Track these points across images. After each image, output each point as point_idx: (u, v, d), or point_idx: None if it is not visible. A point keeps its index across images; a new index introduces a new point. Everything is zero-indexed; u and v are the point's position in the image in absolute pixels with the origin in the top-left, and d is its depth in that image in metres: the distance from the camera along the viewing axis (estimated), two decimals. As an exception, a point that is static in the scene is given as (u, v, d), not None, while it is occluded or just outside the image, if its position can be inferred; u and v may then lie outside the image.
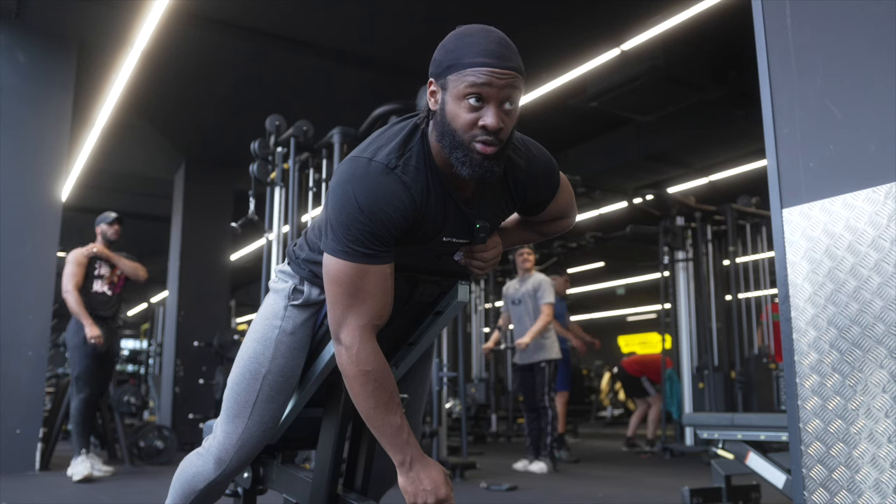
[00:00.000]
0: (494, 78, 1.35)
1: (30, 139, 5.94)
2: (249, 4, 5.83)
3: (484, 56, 1.35)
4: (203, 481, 1.76)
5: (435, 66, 1.42)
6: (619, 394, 15.48)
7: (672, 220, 7.78)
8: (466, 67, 1.35)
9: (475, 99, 1.35)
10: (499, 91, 1.36)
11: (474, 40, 1.38)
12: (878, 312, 1.61)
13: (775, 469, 3.06)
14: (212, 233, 9.11)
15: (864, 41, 1.72)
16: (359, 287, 1.42)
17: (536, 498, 4.57)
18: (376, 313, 1.44)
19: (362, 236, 1.39)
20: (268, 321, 1.68)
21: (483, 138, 1.37)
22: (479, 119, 1.36)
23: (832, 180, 1.73)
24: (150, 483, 5.18)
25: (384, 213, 1.38)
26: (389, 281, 1.46)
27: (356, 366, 1.43)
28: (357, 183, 1.39)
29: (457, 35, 1.42)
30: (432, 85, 1.43)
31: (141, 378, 12.52)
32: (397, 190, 1.40)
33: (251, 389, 1.67)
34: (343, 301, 1.43)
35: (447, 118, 1.39)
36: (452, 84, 1.37)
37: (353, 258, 1.40)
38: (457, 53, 1.37)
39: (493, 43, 1.37)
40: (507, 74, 1.36)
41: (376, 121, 5.49)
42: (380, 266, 1.42)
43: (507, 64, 1.36)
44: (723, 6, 5.60)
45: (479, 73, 1.34)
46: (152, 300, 16.29)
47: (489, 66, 1.34)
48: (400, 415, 1.45)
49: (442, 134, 1.41)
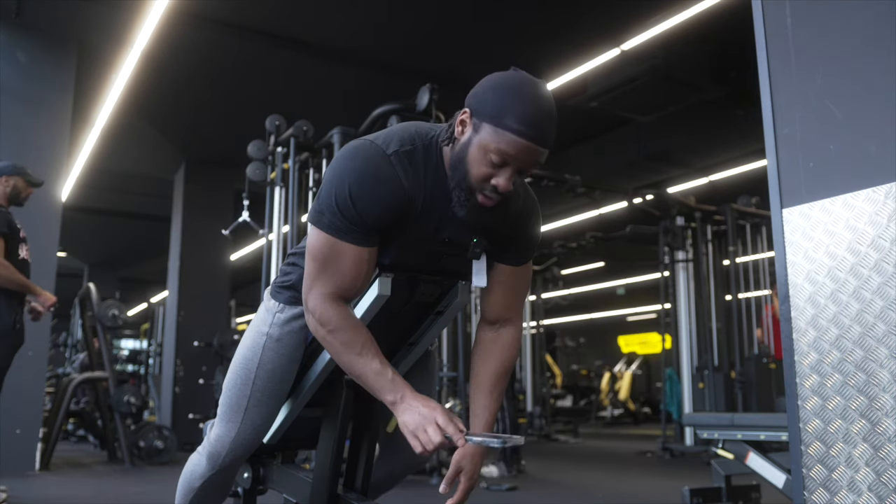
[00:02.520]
0: (525, 153, 1.36)
1: (30, 139, 5.94)
2: (249, 4, 5.83)
3: (526, 126, 1.34)
4: (199, 479, 1.82)
5: (477, 103, 1.40)
6: (618, 394, 15.49)
7: (672, 220, 7.78)
8: (506, 130, 1.35)
9: (499, 160, 1.37)
10: (523, 162, 1.38)
11: (523, 102, 1.36)
12: (878, 312, 1.61)
13: (775, 469, 3.06)
14: (212, 233, 9.09)
15: (864, 41, 1.72)
16: (330, 261, 1.47)
17: (536, 498, 4.57)
18: (343, 287, 1.49)
19: (346, 216, 1.43)
20: (257, 328, 1.74)
21: (489, 194, 1.40)
22: (493, 176, 1.39)
23: (832, 180, 1.73)
24: (150, 483, 5.18)
25: (369, 196, 1.42)
26: (364, 266, 1.48)
27: (323, 328, 1.49)
28: (350, 161, 1.44)
29: (510, 84, 1.38)
30: (465, 115, 1.42)
31: (141, 378, 12.52)
32: (388, 174, 1.43)
33: (242, 394, 1.72)
34: (313, 272, 1.50)
35: (467, 159, 1.41)
36: (486, 134, 1.37)
37: (334, 233, 1.45)
38: (503, 107, 1.36)
39: (539, 112, 1.36)
40: (539, 152, 1.38)
41: (376, 121, 5.49)
42: (356, 247, 1.46)
43: (544, 141, 1.37)
44: (723, 6, 5.60)
45: (514, 144, 1.35)
46: (152, 300, 16.29)
47: (528, 140, 1.35)
48: (379, 360, 1.47)
49: (455, 166, 1.43)
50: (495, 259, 1.61)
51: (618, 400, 15.41)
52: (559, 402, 14.70)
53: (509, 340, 1.67)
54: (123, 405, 6.32)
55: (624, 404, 15.40)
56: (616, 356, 18.57)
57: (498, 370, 1.65)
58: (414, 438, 1.41)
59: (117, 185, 10.42)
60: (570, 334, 17.94)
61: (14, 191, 3.97)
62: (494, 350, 1.66)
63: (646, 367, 17.54)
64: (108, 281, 13.95)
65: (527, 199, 1.60)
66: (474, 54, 6.41)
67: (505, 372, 1.66)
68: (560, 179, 7.45)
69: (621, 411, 15.30)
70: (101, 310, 6.78)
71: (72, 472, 5.80)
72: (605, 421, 14.89)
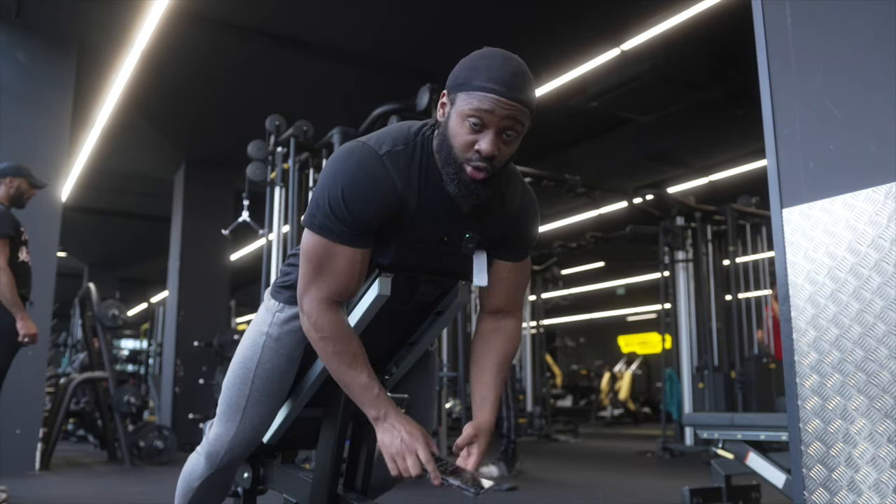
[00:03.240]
0: (497, 106, 1.37)
1: (30, 139, 5.94)
2: (249, 4, 5.83)
3: (494, 83, 1.36)
4: (198, 478, 1.82)
5: (450, 80, 1.44)
6: (618, 393, 15.49)
7: (672, 220, 7.78)
8: (475, 90, 1.37)
9: (476, 122, 1.38)
10: (500, 119, 1.38)
11: (490, 64, 1.39)
12: (878, 312, 1.61)
13: (775, 469, 3.06)
14: (212, 233, 9.09)
15: (864, 41, 1.72)
16: (324, 263, 1.48)
17: (536, 498, 4.57)
18: (337, 291, 1.50)
19: (339, 218, 1.44)
20: (257, 328, 1.75)
21: (476, 163, 1.40)
22: (475, 142, 1.39)
23: (832, 180, 1.73)
24: (150, 483, 5.18)
25: (362, 198, 1.43)
26: (358, 267, 1.50)
27: (317, 332, 1.51)
28: (343, 163, 1.45)
29: (476, 55, 1.43)
30: (444, 97, 1.45)
31: (141, 378, 12.52)
32: (380, 176, 1.44)
33: (241, 393, 1.73)
34: (308, 275, 1.51)
35: (448, 133, 1.42)
36: (459, 102, 1.39)
37: (326, 235, 1.46)
38: (470, 73, 1.39)
39: (507, 71, 1.38)
40: (512, 105, 1.37)
41: (376, 121, 5.49)
42: (349, 248, 1.47)
43: (514, 94, 1.37)
44: (723, 6, 5.60)
45: (484, 99, 1.36)
46: (152, 300, 16.29)
47: (496, 94, 1.36)
48: (367, 373, 1.50)
49: (440, 146, 1.44)
50: (494, 256, 1.61)
51: (618, 400, 15.41)
52: (559, 402, 14.70)
53: (511, 331, 1.68)
54: (123, 405, 6.32)
55: (624, 404, 15.40)
56: (616, 356, 18.56)
57: (501, 358, 1.65)
58: (392, 462, 1.45)
59: (117, 185, 10.42)
60: (570, 334, 17.94)
61: (17, 192, 3.98)
62: (496, 339, 1.66)
63: (646, 367, 17.55)
64: (108, 281, 13.95)
65: (524, 196, 1.60)
66: (474, 54, 6.41)
67: (507, 360, 1.67)
68: (560, 179, 7.45)
69: (621, 411, 15.29)
70: (101, 310, 6.78)
71: (72, 472, 5.80)
72: (605, 421, 14.89)
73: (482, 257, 1.58)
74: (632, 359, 16.95)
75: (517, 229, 1.60)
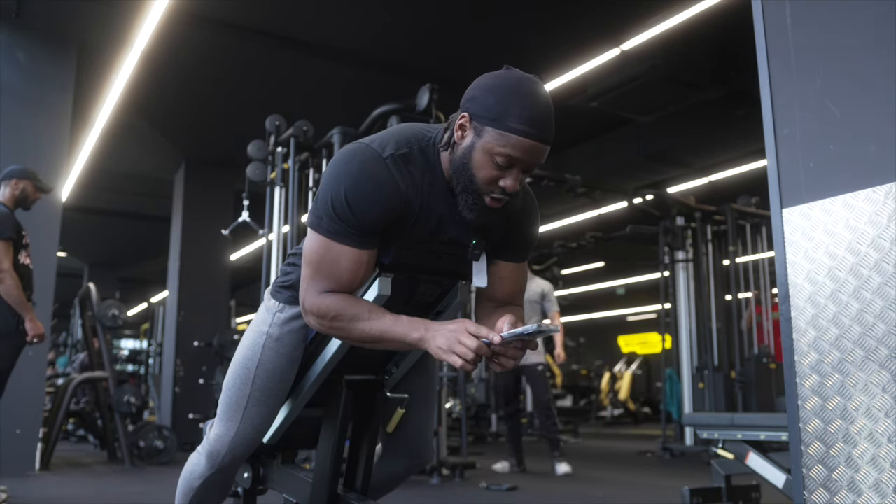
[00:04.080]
0: (531, 150, 1.37)
1: (30, 139, 5.94)
2: (249, 4, 5.83)
3: (529, 125, 1.35)
4: (199, 478, 1.82)
5: (475, 106, 1.40)
6: (618, 393, 15.48)
7: (672, 220, 7.77)
8: (509, 132, 1.35)
9: (505, 162, 1.38)
10: (529, 161, 1.39)
11: (525, 102, 1.36)
12: (878, 312, 1.61)
13: (775, 469, 3.06)
14: (212, 233, 9.09)
15: (864, 41, 1.72)
16: (326, 264, 1.47)
17: (536, 498, 4.57)
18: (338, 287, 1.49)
19: (343, 220, 1.44)
20: (257, 328, 1.74)
21: (497, 196, 1.42)
22: (500, 178, 1.40)
23: (832, 180, 1.73)
24: (150, 483, 5.18)
25: (366, 199, 1.42)
26: (362, 268, 1.49)
27: (324, 318, 1.48)
28: (346, 165, 1.45)
29: (507, 87, 1.38)
30: (464, 119, 1.42)
31: (141, 378, 12.52)
32: (384, 178, 1.43)
33: (242, 393, 1.73)
34: (310, 276, 1.50)
35: (470, 163, 1.41)
36: (489, 137, 1.38)
37: (328, 235, 1.46)
38: (504, 110, 1.36)
39: (540, 111, 1.37)
40: (544, 149, 1.38)
41: (376, 121, 5.49)
42: (350, 248, 1.46)
43: (547, 138, 1.38)
44: (723, 6, 5.60)
45: (520, 145, 1.36)
46: (152, 300, 16.29)
47: (532, 139, 1.36)
48: (389, 314, 1.46)
49: (458, 171, 1.43)
50: (495, 256, 1.61)
51: (618, 400, 15.40)
52: (559, 402, 14.68)
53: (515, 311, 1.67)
54: (123, 405, 6.32)
55: (624, 404, 15.39)
56: (616, 356, 18.55)
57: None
58: (451, 355, 1.36)
59: (117, 185, 10.42)
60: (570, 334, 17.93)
61: (22, 194, 4.04)
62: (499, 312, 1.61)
63: (646, 367, 17.54)
64: (108, 281, 13.95)
65: (525, 198, 1.60)
66: (474, 54, 6.41)
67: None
68: (560, 179, 7.45)
69: (621, 411, 15.28)
70: (101, 310, 6.78)
71: (72, 472, 5.80)
72: (605, 421, 14.88)
73: (482, 259, 1.58)
74: (632, 359, 16.94)
75: (518, 231, 1.60)
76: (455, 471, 5.28)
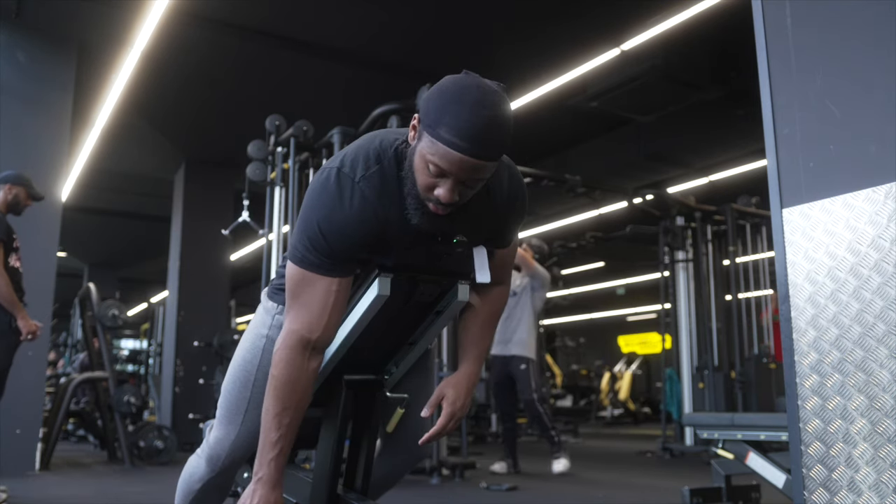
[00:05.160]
0: (458, 163, 1.30)
1: (30, 139, 5.94)
2: (249, 4, 5.83)
3: (459, 137, 1.28)
4: (198, 482, 1.82)
5: (422, 111, 1.36)
6: (618, 393, 15.49)
7: (672, 220, 7.77)
8: (440, 141, 1.30)
9: (436, 171, 1.34)
10: (460, 172, 1.32)
11: (460, 112, 1.28)
12: (878, 312, 1.61)
13: (775, 469, 3.05)
14: (212, 233, 9.09)
15: (864, 41, 1.72)
16: (299, 292, 1.49)
17: (536, 498, 4.57)
18: (309, 324, 1.49)
19: (315, 247, 1.44)
20: (256, 330, 1.75)
21: (435, 204, 1.38)
22: (436, 186, 1.35)
23: (832, 180, 1.73)
24: (150, 483, 5.18)
25: (340, 230, 1.43)
26: (332, 297, 1.49)
27: (274, 366, 1.52)
28: (318, 197, 1.44)
29: (450, 94, 1.32)
30: (416, 120, 1.39)
31: (141, 378, 12.52)
32: (357, 206, 1.43)
33: (242, 396, 1.73)
34: (288, 301, 1.53)
35: (413, 167, 1.39)
36: (424, 143, 1.34)
37: (302, 265, 1.47)
38: (439, 117, 1.30)
39: (475, 124, 1.28)
40: (474, 163, 1.31)
41: (376, 121, 5.48)
42: (324, 277, 1.47)
43: (479, 153, 1.29)
44: (723, 6, 5.60)
45: (446, 155, 1.30)
46: (152, 300, 16.29)
47: (458, 151, 1.28)
48: (282, 434, 1.51)
49: (407, 173, 1.42)
50: (484, 244, 1.60)
51: (618, 400, 15.40)
52: (559, 402, 14.69)
53: (496, 294, 1.71)
54: (123, 405, 6.32)
55: (624, 404, 15.39)
56: (616, 356, 18.55)
57: (486, 315, 1.69)
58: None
59: (117, 185, 10.42)
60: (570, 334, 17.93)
61: (15, 200, 4.10)
62: (483, 300, 1.69)
63: (646, 367, 17.54)
64: (108, 281, 13.95)
65: (511, 183, 1.55)
66: (474, 54, 6.41)
67: (493, 317, 1.71)
68: (560, 179, 7.45)
69: (621, 411, 15.29)
70: (101, 310, 6.78)
71: (72, 472, 5.80)
72: (605, 421, 14.88)
73: (482, 252, 1.56)
74: (632, 359, 16.94)
75: (506, 220, 1.58)
76: (455, 471, 5.28)
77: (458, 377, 1.64)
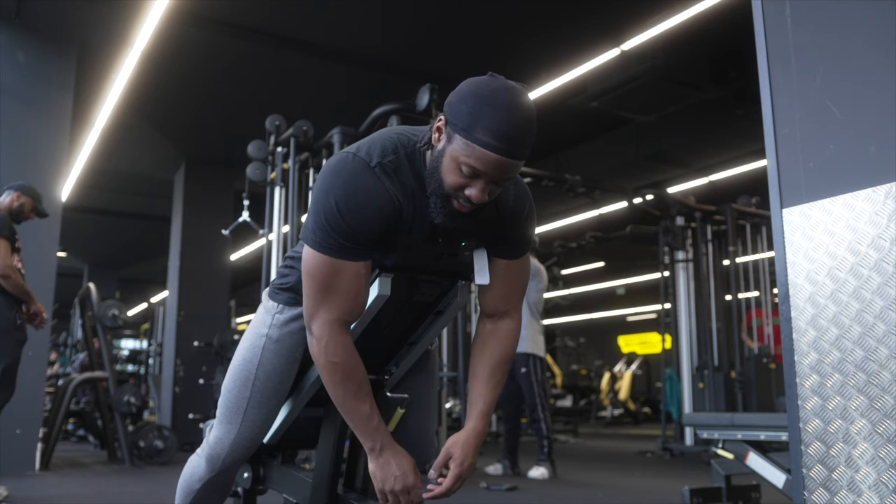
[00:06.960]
0: (496, 164, 1.33)
1: (30, 139, 5.94)
2: (249, 4, 5.83)
3: (497, 139, 1.31)
4: (199, 481, 1.81)
5: (450, 112, 1.37)
6: (618, 393, 15.49)
7: (672, 220, 7.78)
8: (475, 143, 1.32)
9: (470, 172, 1.35)
10: (495, 174, 1.35)
11: (495, 114, 1.31)
12: (878, 312, 1.61)
13: (775, 469, 3.06)
14: (212, 233, 9.09)
15: (864, 41, 1.72)
16: (331, 282, 1.47)
17: (536, 498, 4.57)
18: (347, 310, 1.49)
19: (337, 233, 1.42)
20: (256, 330, 1.74)
21: (464, 202, 1.39)
22: (466, 187, 1.37)
23: (832, 180, 1.72)
24: (150, 483, 5.18)
25: (360, 212, 1.41)
26: (363, 280, 1.49)
27: (325, 357, 1.50)
28: (334, 177, 1.43)
29: (482, 96, 1.34)
30: (441, 122, 1.40)
31: (141, 378, 12.52)
32: (374, 188, 1.42)
33: (242, 395, 1.72)
34: (315, 294, 1.49)
35: (440, 167, 1.39)
36: (456, 145, 1.35)
37: (328, 252, 1.45)
38: (473, 120, 1.32)
39: (513, 125, 1.32)
40: (511, 164, 1.34)
41: (376, 121, 5.48)
42: (354, 263, 1.46)
43: (516, 152, 1.33)
44: (723, 6, 5.60)
45: (484, 158, 1.32)
46: (152, 300, 16.29)
47: (497, 153, 1.32)
48: (369, 404, 1.52)
49: (431, 174, 1.42)
50: (492, 253, 1.60)
51: (618, 400, 15.40)
52: (559, 402, 14.70)
53: (507, 332, 1.66)
54: (123, 405, 6.32)
55: (624, 404, 15.40)
56: (616, 356, 18.56)
57: (494, 361, 1.64)
58: (382, 496, 1.53)
59: (117, 185, 10.42)
60: (570, 334, 17.94)
61: (19, 208, 4.16)
62: (492, 342, 1.65)
63: (646, 367, 17.55)
64: (108, 281, 13.96)
65: (518, 192, 1.57)
66: (474, 54, 6.41)
67: (502, 362, 1.65)
68: (560, 179, 7.45)
69: (621, 411, 15.29)
70: (101, 310, 6.78)
71: (72, 472, 5.80)
72: (605, 421, 14.88)
73: (482, 255, 1.56)
74: (632, 359, 16.95)
75: (511, 228, 1.57)
76: (455, 471, 5.26)
77: (465, 436, 1.59)
